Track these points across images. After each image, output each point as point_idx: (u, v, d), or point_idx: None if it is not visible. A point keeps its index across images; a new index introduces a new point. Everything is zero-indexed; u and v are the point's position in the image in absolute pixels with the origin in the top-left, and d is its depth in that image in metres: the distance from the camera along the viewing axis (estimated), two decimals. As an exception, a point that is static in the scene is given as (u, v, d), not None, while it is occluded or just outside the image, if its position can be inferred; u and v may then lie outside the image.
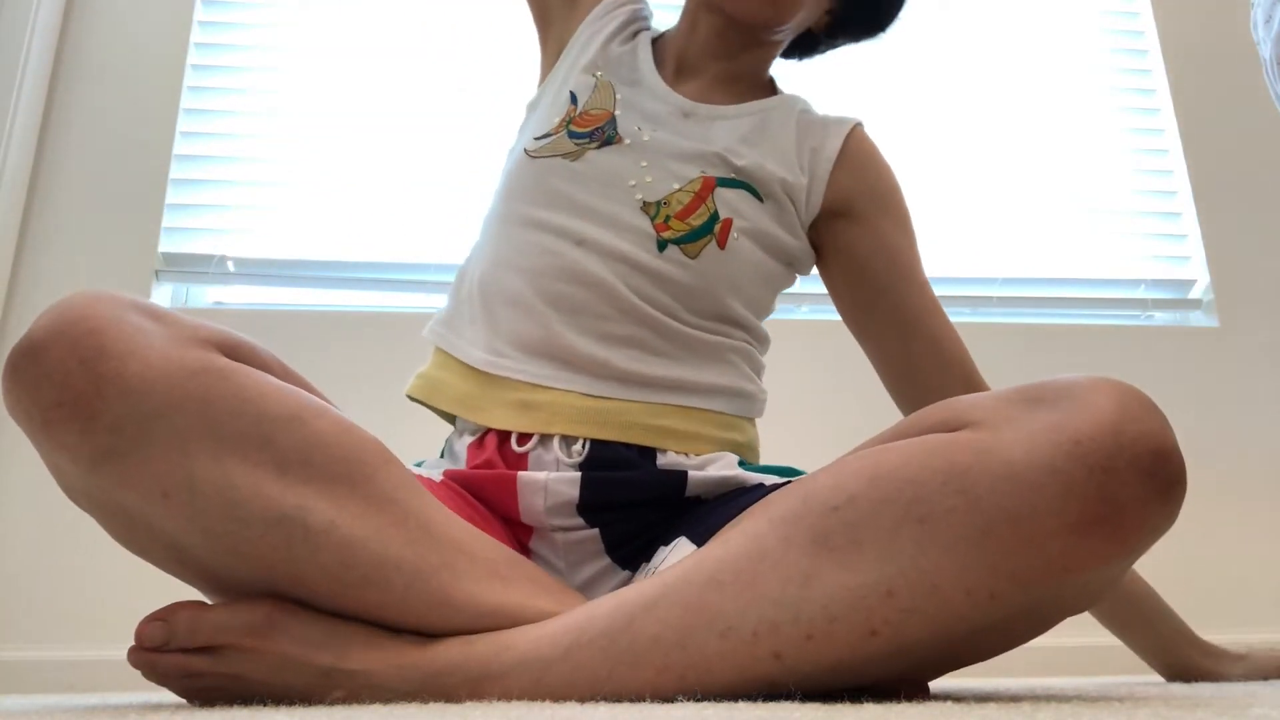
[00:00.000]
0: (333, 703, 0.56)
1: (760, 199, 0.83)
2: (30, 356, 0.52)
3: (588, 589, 0.73)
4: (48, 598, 1.40)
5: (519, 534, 0.74)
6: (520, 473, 0.72)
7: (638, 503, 0.73)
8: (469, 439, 0.77)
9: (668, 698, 0.53)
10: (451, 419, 0.81)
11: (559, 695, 0.54)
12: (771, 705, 0.49)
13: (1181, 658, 0.86)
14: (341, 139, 1.69)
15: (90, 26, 1.69)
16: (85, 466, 0.53)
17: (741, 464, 0.76)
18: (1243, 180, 1.82)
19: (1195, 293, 1.79)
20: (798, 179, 0.85)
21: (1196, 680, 0.85)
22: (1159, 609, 0.87)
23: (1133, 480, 0.48)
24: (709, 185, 0.81)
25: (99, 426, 0.51)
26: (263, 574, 0.56)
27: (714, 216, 0.80)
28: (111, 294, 0.55)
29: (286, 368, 0.65)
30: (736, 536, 0.57)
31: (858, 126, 0.90)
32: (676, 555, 0.66)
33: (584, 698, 0.54)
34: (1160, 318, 1.80)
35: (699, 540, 0.66)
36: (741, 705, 0.49)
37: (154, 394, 0.52)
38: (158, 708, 0.57)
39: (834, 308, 0.92)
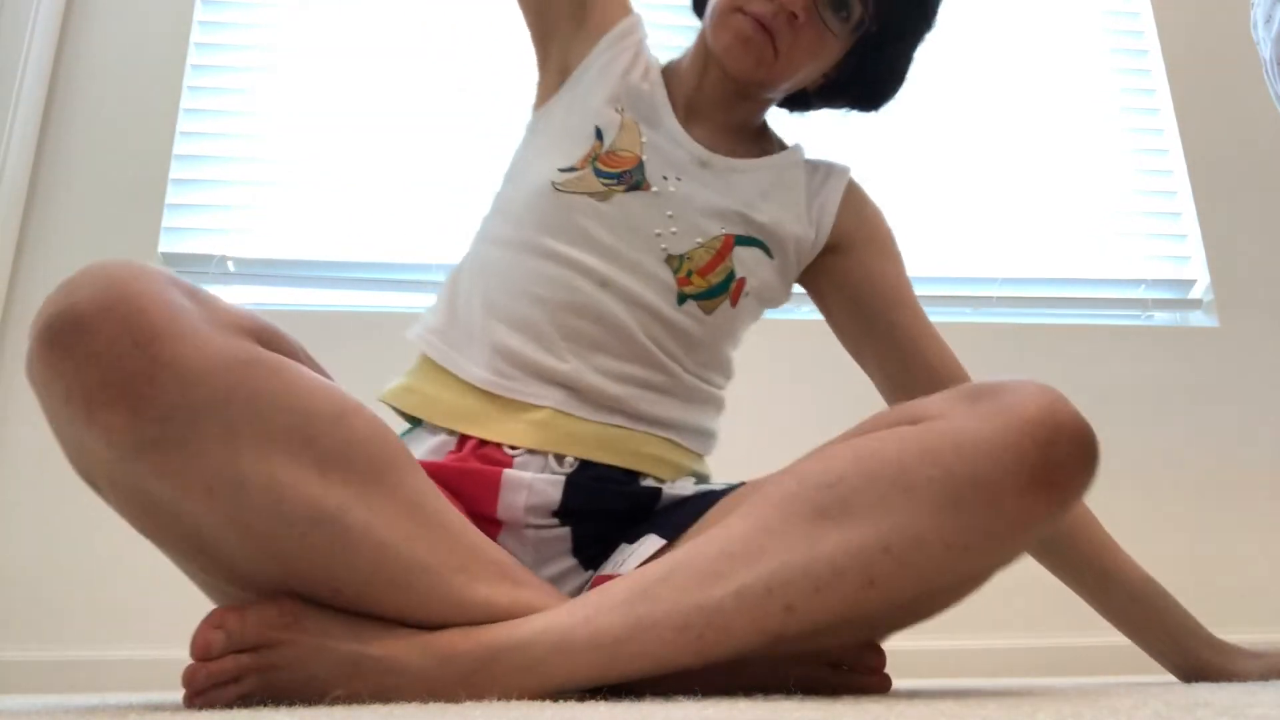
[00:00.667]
0: (332, 702, 0.56)
1: (770, 255, 0.88)
2: (77, 332, 0.49)
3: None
4: (48, 598, 1.40)
5: (488, 530, 0.75)
6: (506, 470, 0.74)
7: (613, 511, 0.77)
8: (444, 437, 0.78)
9: (687, 659, 0.58)
10: (415, 423, 0.81)
11: (581, 659, 0.57)
12: (771, 705, 0.49)
13: (1193, 656, 0.85)
14: (341, 139, 1.69)
15: (90, 26, 1.69)
16: (124, 453, 0.51)
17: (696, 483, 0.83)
18: (1243, 180, 1.82)
19: (1195, 293, 1.79)
20: (806, 233, 0.91)
21: (1211, 679, 0.84)
22: (1169, 607, 0.87)
23: (1069, 451, 0.59)
24: (729, 244, 0.85)
25: (149, 414, 0.50)
26: (294, 573, 0.56)
27: (730, 275, 0.85)
28: (151, 267, 0.53)
29: (310, 355, 0.66)
30: (736, 520, 0.62)
31: (851, 175, 0.96)
32: (645, 550, 0.70)
33: (604, 660, 0.57)
34: (1160, 318, 1.80)
35: (666, 534, 0.71)
36: (741, 704, 0.49)
37: (208, 383, 0.51)
38: (158, 708, 0.57)
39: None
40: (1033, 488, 0.58)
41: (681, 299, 0.82)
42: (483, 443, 0.76)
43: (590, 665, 0.57)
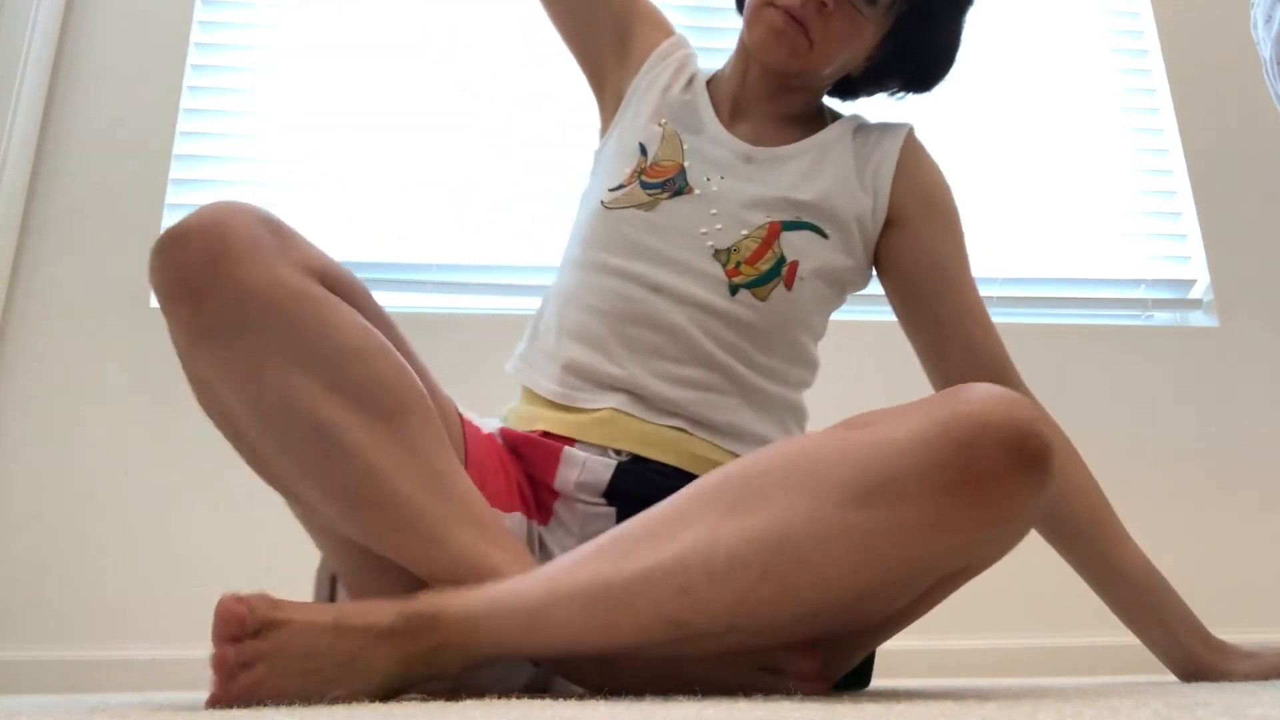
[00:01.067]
0: (333, 701, 0.56)
1: (825, 235, 0.88)
2: (175, 243, 0.63)
3: None
4: (48, 598, 1.40)
5: (547, 497, 0.81)
6: (567, 447, 0.80)
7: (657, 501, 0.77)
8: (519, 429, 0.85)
9: (592, 637, 0.59)
10: None
11: (506, 621, 0.60)
12: (771, 705, 0.49)
13: (1189, 653, 0.86)
14: (341, 139, 1.69)
15: (90, 26, 1.69)
16: (188, 338, 0.64)
17: None
18: (1243, 180, 1.82)
19: (1195, 293, 1.79)
20: (864, 202, 0.90)
21: (1206, 677, 0.85)
22: (1170, 603, 0.87)
23: (994, 454, 0.55)
24: (774, 231, 0.86)
25: (204, 311, 0.62)
26: (295, 469, 0.65)
27: (780, 260, 0.86)
28: (251, 207, 0.66)
29: (380, 312, 0.73)
30: (665, 506, 0.64)
31: (910, 133, 0.95)
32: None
33: (526, 629, 0.60)
34: (1160, 318, 1.80)
35: None
36: (741, 704, 0.49)
37: (254, 301, 0.63)
38: (158, 708, 0.57)
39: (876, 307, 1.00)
40: (947, 492, 0.55)
41: (733, 290, 0.84)
42: (547, 434, 0.82)
43: (514, 631, 0.60)
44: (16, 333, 1.51)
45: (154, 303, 1.57)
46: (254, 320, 0.63)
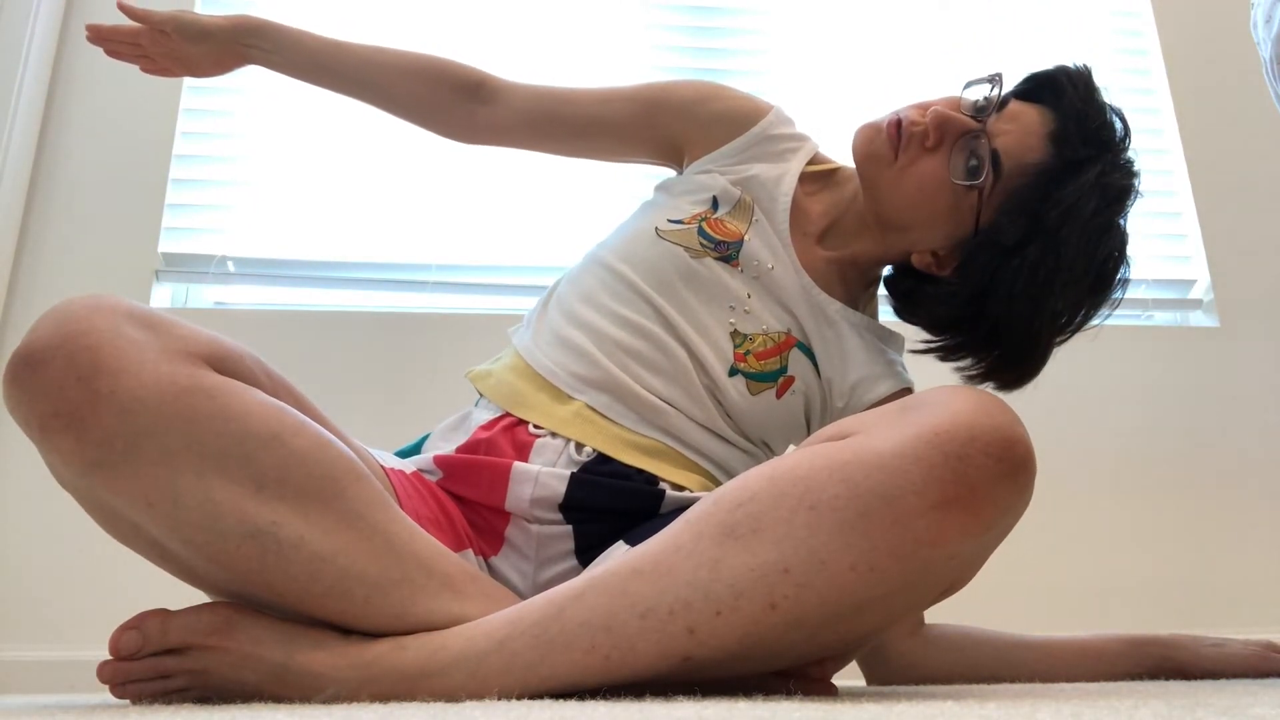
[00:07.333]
0: (329, 701, 0.57)
1: (819, 375, 0.91)
2: (30, 367, 0.56)
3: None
4: (48, 598, 1.40)
5: (496, 522, 0.78)
6: (516, 463, 0.78)
7: (615, 510, 0.78)
8: (487, 415, 0.85)
9: (595, 679, 0.57)
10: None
11: (494, 684, 0.58)
12: (771, 705, 0.49)
13: (1154, 657, 0.90)
14: (342, 139, 1.69)
15: (90, 26, 1.68)
16: (77, 471, 0.57)
17: None
18: (1243, 180, 1.82)
19: (1195, 293, 1.79)
20: (835, 401, 0.91)
21: (1179, 673, 0.87)
22: (1100, 638, 0.94)
23: (983, 464, 0.56)
24: (789, 343, 0.89)
25: (91, 439, 0.55)
26: (236, 580, 0.60)
27: (782, 369, 0.88)
28: (110, 302, 0.58)
29: (271, 373, 0.68)
30: (657, 536, 0.62)
31: (905, 390, 0.92)
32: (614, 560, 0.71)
33: (518, 684, 0.58)
34: (1160, 318, 1.80)
35: (634, 544, 0.71)
36: (741, 704, 0.49)
37: (144, 412, 0.56)
38: (158, 708, 0.57)
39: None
40: (943, 506, 0.55)
41: (732, 372, 0.87)
42: (516, 424, 0.82)
43: (504, 689, 0.58)
44: (16, 333, 1.51)
45: (154, 301, 1.57)
46: (150, 433, 0.56)
